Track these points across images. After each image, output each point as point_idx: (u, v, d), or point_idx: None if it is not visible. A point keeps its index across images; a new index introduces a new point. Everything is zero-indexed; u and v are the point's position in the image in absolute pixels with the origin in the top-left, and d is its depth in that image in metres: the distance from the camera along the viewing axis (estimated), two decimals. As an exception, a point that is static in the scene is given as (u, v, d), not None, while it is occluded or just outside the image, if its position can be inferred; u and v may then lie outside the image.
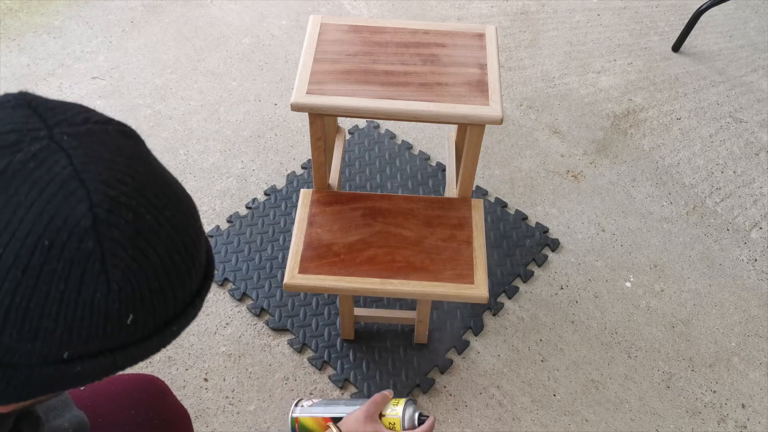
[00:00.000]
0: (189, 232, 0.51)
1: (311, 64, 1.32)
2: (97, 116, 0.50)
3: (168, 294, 0.50)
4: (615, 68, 2.33)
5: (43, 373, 0.47)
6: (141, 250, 0.47)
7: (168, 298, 0.50)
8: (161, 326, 0.51)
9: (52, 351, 0.46)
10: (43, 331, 0.45)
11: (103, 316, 0.46)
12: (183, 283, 0.51)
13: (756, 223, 1.89)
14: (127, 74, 2.21)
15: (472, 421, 1.49)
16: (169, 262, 0.49)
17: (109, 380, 1.02)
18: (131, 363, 0.52)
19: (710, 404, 1.54)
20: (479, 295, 1.28)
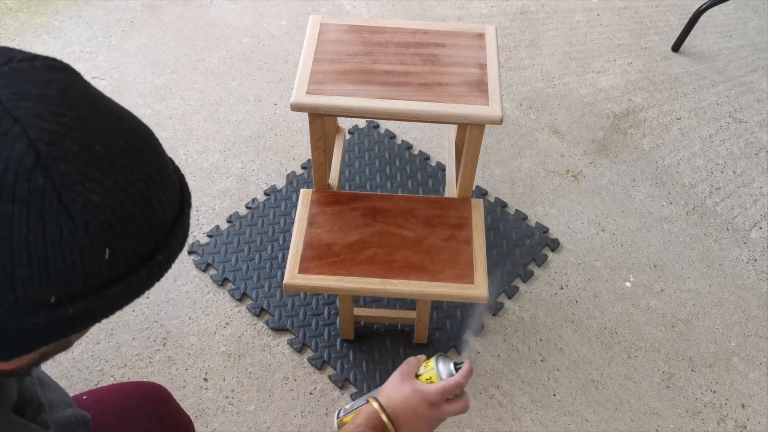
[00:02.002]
0: (148, 160, 0.50)
1: (311, 64, 1.32)
2: (22, 54, 0.49)
3: (140, 222, 0.49)
4: (615, 68, 2.33)
5: (36, 322, 0.47)
6: (97, 181, 0.46)
7: (141, 227, 0.49)
8: (145, 257, 0.50)
9: (37, 298, 0.46)
10: (20, 279, 0.44)
11: (77, 254, 0.45)
12: (153, 210, 0.50)
13: (756, 223, 1.89)
14: (127, 74, 2.21)
15: (472, 421, 1.49)
16: (133, 190, 0.48)
17: (111, 388, 1.02)
18: (126, 300, 0.51)
19: (710, 404, 1.54)
20: (479, 294, 1.28)
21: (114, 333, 1.60)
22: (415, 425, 0.91)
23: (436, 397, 0.92)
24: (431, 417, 0.91)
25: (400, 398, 0.92)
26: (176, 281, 1.70)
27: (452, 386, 0.92)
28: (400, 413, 0.91)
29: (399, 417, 0.91)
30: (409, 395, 0.91)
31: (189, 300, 1.67)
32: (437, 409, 0.91)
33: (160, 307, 1.65)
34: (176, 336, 1.61)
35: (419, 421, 0.91)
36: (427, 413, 0.91)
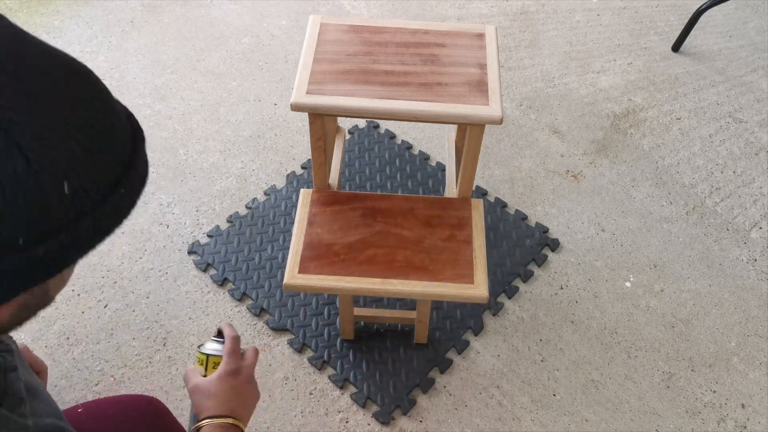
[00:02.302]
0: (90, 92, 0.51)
1: (311, 64, 1.32)
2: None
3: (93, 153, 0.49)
4: (615, 68, 2.33)
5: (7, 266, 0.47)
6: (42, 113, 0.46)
7: (95, 158, 0.49)
8: (106, 191, 0.51)
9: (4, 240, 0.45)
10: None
11: (36, 190, 0.45)
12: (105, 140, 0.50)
13: (756, 223, 1.89)
14: (127, 74, 2.21)
15: (471, 421, 1.49)
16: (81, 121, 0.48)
17: (107, 400, 1.01)
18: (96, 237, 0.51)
19: (710, 404, 1.54)
20: (479, 295, 1.28)
21: (114, 333, 1.60)
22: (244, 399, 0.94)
23: (231, 364, 0.95)
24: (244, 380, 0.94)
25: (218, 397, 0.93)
26: (176, 281, 1.70)
27: (229, 346, 0.95)
28: (230, 405, 0.92)
29: (237, 410, 0.93)
30: (218, 388, 0.93)
31: (189, 300, 1.67)
32: (241, 371, 0.95)
33: (160, 307, 1.65)
34: (176, 336, 1.61)
35: (243, 392, 0.94)
36: (239, 381, 0.94)
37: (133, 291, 1.68)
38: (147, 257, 1.75)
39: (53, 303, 0.60)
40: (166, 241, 1.78)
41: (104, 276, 1.70)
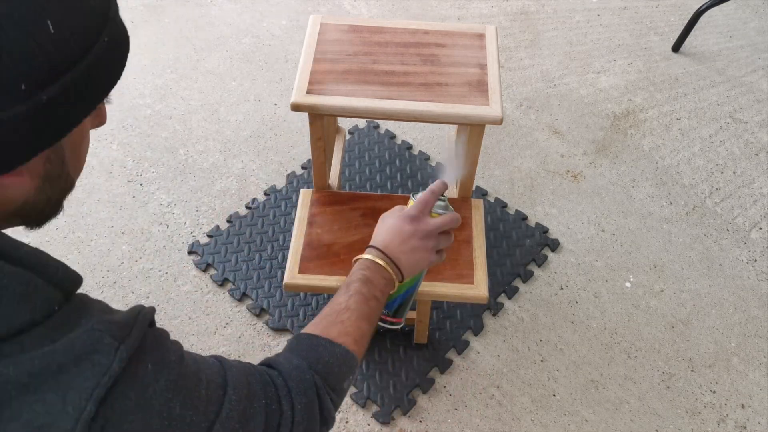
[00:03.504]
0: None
1: (311, 64, 1.32)
2: None
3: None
4: (615, 68, 2.33)
5: (14, 114, 0.49)
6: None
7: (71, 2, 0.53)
8: (91, 36, 0.55)
9: (6, 87, 0.49)
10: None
11: (22, 29, 0.49)
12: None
13: (756, 223, 1.89)
14: (127, 74, 2.20)
15: (471, 421, 1.49)
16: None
17: None
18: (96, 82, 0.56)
19: (710, 404, 1.54)
20: (479, 295, 1.28)
21: (114, 333, 1.60)
22: (406, 247, 0.93)
23: (414, 209, 0.94)
24: (418, 231, 0.94)
25: (384, 232, 0.94)
26: (176, 281, 1.70)
27: (427, 196, 0.95)
28: (388, 242, 0.93)
29: (389, 247, 0.93)
30: (390, 224, 0.94)
31: (189, 300, 1.67)
32: (420, 222, 0.94)
33: (160, 307, 1.65)
34: (176, 336, 1.60)
35: (408, 240, 0.93)
36: (410, 227, 0.93)
37: (133, 291, 1.68)
38: (147, 257, 1.75)
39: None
40: (166, 241, 1.78)
41: (104, 276, 1.70)
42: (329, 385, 0.78)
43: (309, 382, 0.76)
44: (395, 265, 0.93)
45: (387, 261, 0.92)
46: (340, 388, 0.81)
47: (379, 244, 0.93)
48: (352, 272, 0.91)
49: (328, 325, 0.84)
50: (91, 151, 1.98)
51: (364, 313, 0.87)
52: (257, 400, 0.69)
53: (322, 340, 0.81)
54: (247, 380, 0.69)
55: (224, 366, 0.68)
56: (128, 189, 1.89)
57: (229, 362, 0.70)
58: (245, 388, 0.68)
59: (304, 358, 0.79)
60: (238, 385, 0.67)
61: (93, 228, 1.80)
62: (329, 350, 0.80)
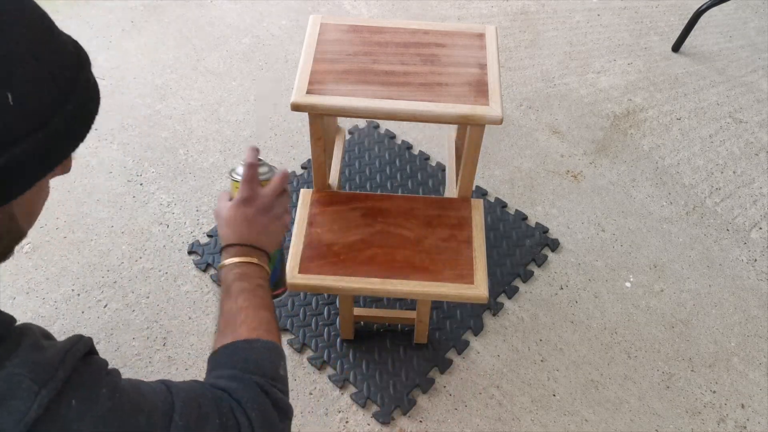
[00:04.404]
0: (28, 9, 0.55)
1: (311, 64, 1.32)
2: None
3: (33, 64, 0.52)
4: (615, 68, 2.33)
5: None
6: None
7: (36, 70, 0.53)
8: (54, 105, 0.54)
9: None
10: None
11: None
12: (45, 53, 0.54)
13: (756, 223, 1.89)
14: (127, 74, 2.21)
15: (471, 421, 1.49)
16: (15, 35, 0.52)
17: None
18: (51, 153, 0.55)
19: (710, 404, 1.54)
20: (479, 295, 1.28)
21: (114, 333, 1.60)
22: (257, 227, 0.91)
23: (243, 191, 0.92)
24: (258, 208, 0.92)
25: (228, 227, 0.92)
26: (176, 281, 1.70)
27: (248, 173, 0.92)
28: (239, 233, 0.91)
29: (243, 236, 0.91)
30: (230, 216, 0.92)
31: (189, 300, 1.67)
32: (255, 199, 0.92)
33: (160, 307, 1.65)
34: (176, 336, 1.61)
35: (255, 220, 0.91)
36: (250, 209, 0.91)
37: (133, 291, 1.68)
38: (147, 257, 1.75)
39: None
40: (166, 241, 1.78)
41: (104, 276, 1.70)
42: (269, 378, 0.78)
43: (251, 385, 0.75)
44: (257, 248, 0.91)
45: (249, 250, 0.90)
46: (279, 375, 0.80)
47: (233, 240, 0.91)
48: (224, 279, 0.89)
49: (232, 331, 0.82)
50: (91, 151, 1.98)
51: (258, 303, 0.86)
52: (210, 421, 0.67)
53: (238, 344, 0.80)
54: (198, 402, 0.68)
55: (171, 391, 0.67)
56: (128, 189, 1.89)
57: (177, 386, 0.69)
58: (195, 411, 0.67)
59: (232, 367, 0.78)
60: (186, 409, 0.66)
61: (93, 228, 1.80)
62: (249, 349, 0.80)
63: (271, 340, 0.82)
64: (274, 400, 0.76)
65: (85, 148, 1.98)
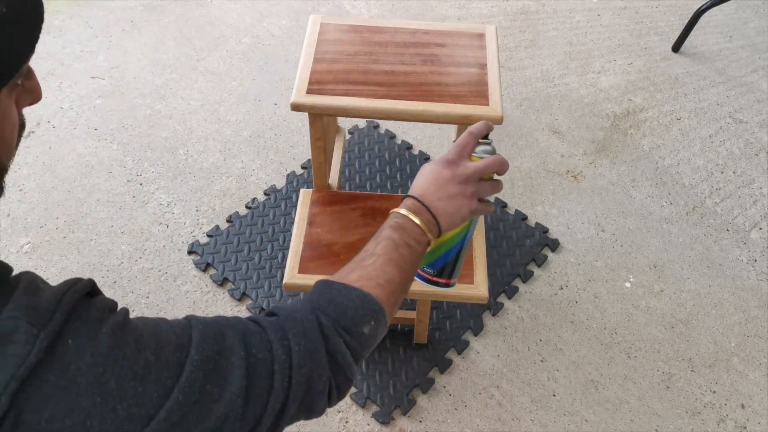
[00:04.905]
0: None
1: (311, 64, 1.32)
2: None
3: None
4: (615, 68, 2.33)
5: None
6: None
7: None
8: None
9: None
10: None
11: None
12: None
13: (756, 223, 1.89)
14: (126, 74, 2.21)
15: (471, 421, 1.49)
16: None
17: None
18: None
19: (710, 404, 1.54)
20: (479, 295, 1.28)
21: (114, 333, 1.60)
22: (443, 193, 0.85)
23: (451, 153, 0.86)
24: (455, 176, 0.85)
25: (421, 180, 0.86)
26: (176, 281, 1.70)
27: (465, 139, 0.86)
28: (424, 190, 0.85)
29: (425, 195, 0.84)
30: (428, 170, 0.86)
31: (189, 300, 1.67)
32: (458, 166, 0.85)
33: (160, 307, 1.65)
34: (176, 336, 1.60)
35: (445, 186, 0.85)
36: (448, 172, 0.85)
37: (133, 291, 1.68)
38: (147, 257, 1.75)
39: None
40: (166, 241, 1.78)
41: (104, 276, 1.70)
42: (342, 327, 0.70)
43: (311, 322, 0.69)
44: (432, 214, 0.85)
45: (422, 208, 0.84)
46: (358, 331, 0.71)
47: (416, 193, 0.86)
48: (385, 222, 0.83)
49: (348, 271, 0.76)
50: (91, 151, 1.98)
51: (392, 258, 0.78)
52: (234, 354, 0.62)
53: (336, 285, 0.74)
54: (222, 334, 0.64)
55: (192, 324, 0.63)
56: (128, 189, 1.89)
57: (200, 319, 0.65)
58: (215, 344, 0.62)
59: (311, 301, 0.72)
60: (205, 343, 0.61)
61: (93, 228, 1.80)
62: (342, 293, 0.73)
63: (374, 295, 0.74)
64: (332, 348, 0.68)
65: (85, 148, 1.98)
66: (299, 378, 0.64)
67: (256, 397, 0.61)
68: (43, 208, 1.83)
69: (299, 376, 0.64)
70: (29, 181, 1.89)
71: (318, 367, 0.66)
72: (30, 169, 1.92)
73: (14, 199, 1.84)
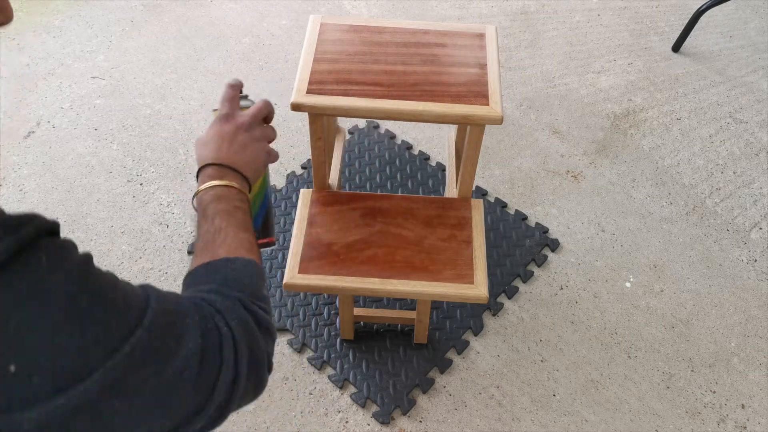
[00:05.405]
0: None
1: (311, 64, 1.32)
2: None
3: None
4: (615, 68, 2.33)
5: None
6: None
7: None
8: None
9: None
10: None
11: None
12: None
13: (756, 223, 1.89)
14: (126, 74, 2.21)
15: (471, 421, 1.49)
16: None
17: None
18: None
19: (710, 404, 1.54)
20: (479, 295, 1.28)
21: (114, 333, 1.60)
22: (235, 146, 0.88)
23: (223, 110, 0.90)
24: (237, 126, 0.89)
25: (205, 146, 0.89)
26: (176, 281, 1.70)
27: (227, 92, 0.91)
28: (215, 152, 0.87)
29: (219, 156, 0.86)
30: (207, 136, 0.89)
31: (189, 300, 1.67)
32: (235, 117, 0.90)
33: (159, 307, 1.65)
34: (176, 336, 1.60)
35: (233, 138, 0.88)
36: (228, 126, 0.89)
37: (132, 291, 1.68)
38: (147, 257, 1.74)
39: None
40: (166, 241, 1.78)
41: (104, 276, 1.70)
42: (250, 296, 0.71)
43: (232, 299, 0.69)
44: (234, 170, 0.86)
45: (224, 170, 0.85)
46: (262, 295, 0.74)
47: (210, 159, 0.86)
48: (199, 203, 0.83)
49: (211, 252, 0.76)
50: (91, 150, 1.98)
51: (237, 223, 0.80)
52: (189, 316, 0.62)
53: (217, 262, 0.75)
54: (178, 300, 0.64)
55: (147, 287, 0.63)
56: (128, 189, 1.89)
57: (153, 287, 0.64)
58: (173, 303, 0.62)
59: (210, 283, 0.72)
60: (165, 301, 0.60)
61: (93, 228, 1.80)
62: (229, 267, 0.74)
63: (252, 258, 0.77)
64: (256, 317, 0.70)
65: (85, 148, 1.98)
66: (243, 350, 0.65)
67: (210, 362, 0.61)
68: (43, 208, 1.82)
69: (243, 348, 0.65)
70: (29, 181, 1.89)
71: (256, 339, 0.68)
72: (30, 169, 1.92)
73: (14, 199, 1.84)
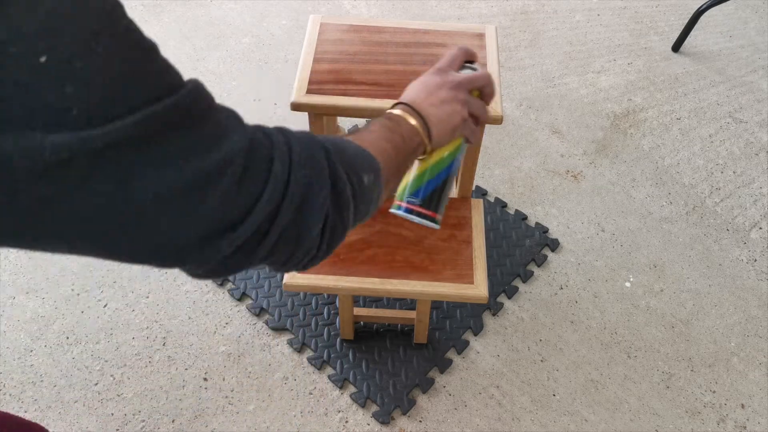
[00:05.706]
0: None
1: (311, 64, 1.32)
2: None
3: None
4: (615, 68, 2.33)
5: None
6: None
7: None
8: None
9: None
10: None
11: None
12: None
13: (756, 223, 1.89)
14: (127, 74, 2.21)
15: (471, 421, 1.49)
16: None
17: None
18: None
19: (710, 404, 1.54)
20: (479, 294, 1.28)
21: (114, 332, 1.60)
22: (434, 98, 0.81)
23: (441, 63, 0.85)
24: (446, 81, 0.83)
25: (411, 88, 0.84)
26: (176, 281, 1.70)
27: (455, 52, 0.86)
28: (414, 96, 0.82)
29: (416, 101, 0.81)
30: (418, 81, 0.85)
31: (189, 300, 1.67)
32: (447, 74, 0.84)
33: (160, 306, 1.65)
34: (176, 336, 1.61)
35: (436, 91, 0.82)
36: (438, 78, 0.83)
37: (132, 291, 1.68)
38: (147, 257, 1.74)
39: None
40: (166, 240, 1.78)
41: (104, 276, 1.70)
42: (344, 164, 0.60)
43: (316, 143, 0.60)
44: (423, 120, 0.79)
45: (413, 112, 0.79)
46: (358, 175, 0.62)
47: (406, 99, 0.81)
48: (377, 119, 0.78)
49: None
50: (91, 150, 1.97)
51: (386, 137, 0.72)
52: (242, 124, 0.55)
53: (333, 137, 0.66)
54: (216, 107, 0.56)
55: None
56: (128, 189, 1.89)
57: None
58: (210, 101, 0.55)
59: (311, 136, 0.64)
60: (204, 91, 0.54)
61: (93, 228, 1.80)
62: (341, 140, 0.65)
63: (373, 155, 0.66)
64: (335, 173, 0.58)
65: (85, 147, 1.98)
66: (298, 176, 0.55)
67: (256, 168, 0.52)
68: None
69: (298, 174, 0.55)
70: (29, 181, 1.88)
71: (320, 178, 0.57)
72: (30, 169, 1.91)
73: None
